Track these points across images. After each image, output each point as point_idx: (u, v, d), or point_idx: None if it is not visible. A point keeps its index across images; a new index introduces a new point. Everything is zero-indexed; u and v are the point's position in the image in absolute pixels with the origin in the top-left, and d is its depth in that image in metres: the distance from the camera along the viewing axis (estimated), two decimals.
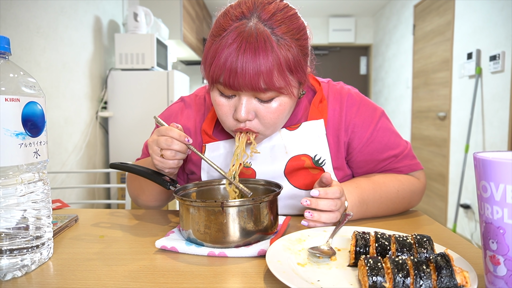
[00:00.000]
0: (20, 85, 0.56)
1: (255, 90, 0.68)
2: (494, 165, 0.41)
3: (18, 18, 1.96)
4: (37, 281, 0.54)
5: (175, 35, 3.61)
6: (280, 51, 0.67)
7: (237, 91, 0.70)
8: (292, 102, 0.77)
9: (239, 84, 0.68)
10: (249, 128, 0.75)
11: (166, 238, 0.67)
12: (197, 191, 0.79)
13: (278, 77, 0.68)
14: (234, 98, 0.73)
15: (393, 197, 0.83)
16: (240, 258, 0.62)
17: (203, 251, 0.63)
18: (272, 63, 0.66)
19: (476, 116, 2.94)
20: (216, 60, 0.68)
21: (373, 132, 0.85)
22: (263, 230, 0.66)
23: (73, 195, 2.58)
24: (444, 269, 0.45)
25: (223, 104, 0.74)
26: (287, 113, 0.77)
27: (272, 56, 0.66)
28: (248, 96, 0.71)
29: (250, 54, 0.66)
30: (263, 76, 0.67)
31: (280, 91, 0.70)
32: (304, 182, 0.84)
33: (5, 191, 0.55)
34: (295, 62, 0.70)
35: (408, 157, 0.88)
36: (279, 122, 0.77)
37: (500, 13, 2.67)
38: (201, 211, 0.64)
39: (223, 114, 0.75)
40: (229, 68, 0.67)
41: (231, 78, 0.67)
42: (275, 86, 0.69)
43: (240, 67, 0.66)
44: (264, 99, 0.72)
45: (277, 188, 0.73)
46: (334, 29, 5.73)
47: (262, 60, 0.66)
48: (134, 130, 2.95)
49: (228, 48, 0.67)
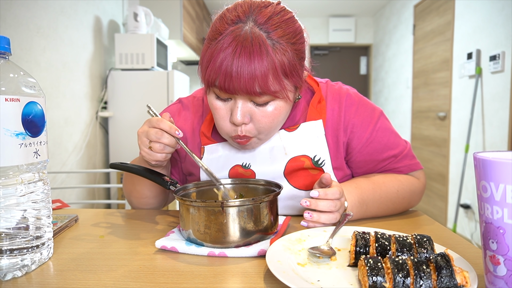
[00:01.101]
0: (20, 85, 0.56)
1: (250, 94, 0.69)
2: (494, 165, 0.41)
3: (18, 18, 1.96)
4: (37, 281, 0.54)
5: (175, 35, 3.61)
6: (276, 55, 0.67)
7: (232, 94, 0.70)
8: (288, 106, 0.77)
9: (234, 88, 0.68)
10: (245, 134, 0.75)
11: (166, 238, 0.67)
12: (197, 191, 0.79)
13: (273, 81, 0.68)
14: (230, 101, 0.74)
15: (393, 197, 0.83)
16: (240, 258, 0.62)
17: (203, 251, 0.63)
18: (267, 67, 0.67)
19: (476, 116, 2.94)
20: (211, 63, 0.68)
21: (372, 132, 0.85)
22: (263, 230, 0.66)
23: (73, 195, 2.58)
24: (444, 269, 0.45)
25: (219, 107, 0.74)
26: (282, 118, 0.77)
27: (267, 60, 0.67)
28: (243, 100, 0.72)
29: (245, 58, 0.66)
30: (258, 80, 0.67)
31: (275, 95, 0.70)
32: (303, 183, 0.84)
33: (5, 191, 0.55)
34: (290, 66, 0.70)
35: (407, 157, 0.88)
36: (274, 126, 0.77)
37: (500, 13, 2.67)
38: (201, 211, 0.64)
39: (220, 118, 0.75)
40: (224, 72, 0.67)
41: (226, 81, 0.68)
42: (270, 90, 0.69)
43: (235, 71, 0.66)
44: (259, 103, 0.72)
45: (277, 188, 0.73)
46: (334, 29, 5.73)
47: (257, 64, 0.66)
48: (134, 130, 2.95)
49: (224, 52, 0.67)
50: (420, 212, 0.89)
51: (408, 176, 0.89)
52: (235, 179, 0.82)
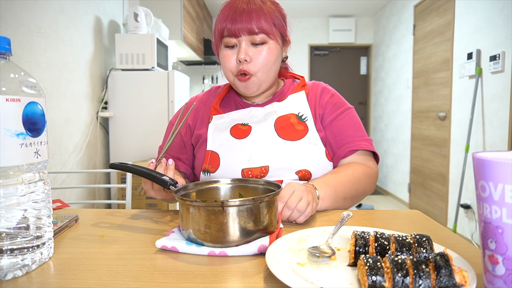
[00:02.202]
0: (20, 85, 0.56)
1: (250, 33, 0.94)
2: (492, 165, 0.41)
3: (19, 18, 1.97)
4: (37, 281, 0.54)
5: (175, 35, 3.61)
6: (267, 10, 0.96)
7: (237, 38, 0.95)
8: (277, 51, 0.99)
9: (239, 30, 0.94)
10: (246, 69, 0.96)
11: (166, 238, 0.67)
12: (197, 191, 0.80)
13: (265, 24, 0.94)
14: (235, 48, 0.97)
15: (351, 178, 0.95)
16: (240, 258, 0.62)
17: (203, 251, 0.63)
18: (261, 15, 0.94)
19: (476, 116, 2.94)
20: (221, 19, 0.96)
21: (341, 114, 1.05)
22: (263, 229, 0.67)
23: (74, 195, 2.58)
24: (443, 269, 0.45)
25: (228, 54, 0.97)
26: (274, 59, 0.98)
27: (261, 11, 0.94)
28: (246, 41, 0.95)
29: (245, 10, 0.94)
30: (255, 22, 0.93)
31: (269, 35, 0.95)
32: (289, 134, 1.00)
33: (6, 191, 0.55)
34: (276, 18, 0.97)
35: (368, 141, 1.04)
36: (268, 65, 0.97)
37: (500, 13, 2.67)
38: (201, 211, 0.64)
39: (228, 62, 0.98)
40: (231, 21, 0.94)
41: (232, 27, 0.94)
42: (264, 29, 0.94)
43: (239, 19, 0.93)
44: (257, 42, 0.95)
45: (277, 188, 0.73)
46: (334, 29, 5.73)
47: (254, 13, 0.94)
48: (135, 130, 2.95)
49: (230, 9, 0.95)
50: (420, 212, 0.89)
51: (361, 163, 1.02)
52: (234, 179, 0.82)
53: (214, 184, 0.81)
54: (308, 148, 0.99)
